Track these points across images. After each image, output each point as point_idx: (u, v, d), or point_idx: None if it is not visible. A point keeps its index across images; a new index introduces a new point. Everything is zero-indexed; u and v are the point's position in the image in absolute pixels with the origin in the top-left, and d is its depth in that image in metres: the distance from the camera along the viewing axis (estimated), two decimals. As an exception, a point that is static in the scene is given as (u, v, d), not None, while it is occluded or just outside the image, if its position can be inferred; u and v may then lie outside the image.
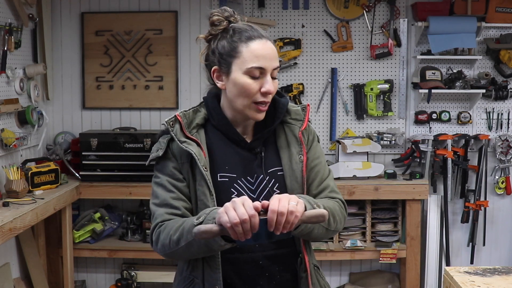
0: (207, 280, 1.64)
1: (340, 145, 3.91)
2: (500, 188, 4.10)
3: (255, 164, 1.69)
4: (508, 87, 4.01)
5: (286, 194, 1.48)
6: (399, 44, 4.04)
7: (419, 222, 3.82)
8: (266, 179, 1.68)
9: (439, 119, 4.07)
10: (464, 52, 3.98)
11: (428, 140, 3.96)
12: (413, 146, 3.97)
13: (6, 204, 3.14)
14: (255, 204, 1.42)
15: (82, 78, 4.16)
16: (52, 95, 4.13)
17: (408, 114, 4.12)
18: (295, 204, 1.44)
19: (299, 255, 1.71)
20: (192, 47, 4.12)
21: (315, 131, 1.82)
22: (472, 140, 4.03)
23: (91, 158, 3.83)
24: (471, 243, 4.09)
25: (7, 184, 3.34)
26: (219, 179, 1.66)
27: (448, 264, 3.98)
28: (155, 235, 1.63)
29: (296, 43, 4.04)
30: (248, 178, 1.68)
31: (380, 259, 3.84)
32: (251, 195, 1.67)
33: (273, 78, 1.65)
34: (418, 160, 3.97)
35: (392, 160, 4.09)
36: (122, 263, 4.17)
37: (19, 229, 3.04)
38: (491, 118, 4.08)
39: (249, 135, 1.73)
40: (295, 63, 4.09)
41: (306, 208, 1.50)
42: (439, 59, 4.01)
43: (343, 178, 3.84)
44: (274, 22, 4.06)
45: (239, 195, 1.62)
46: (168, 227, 1.60)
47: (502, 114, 4.08)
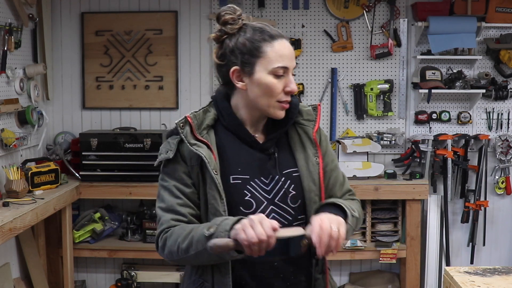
0: (217, 284, 1.63)
1: (340, 145, 3.91)
2: (500, 188, 4.10)
3: (269, 165, 1.67)
4: (508, 87, 4.01)
5: (329, 216, 1.50)
6: (399, 44, 4.04)
7: (419, 222, 3.82)
8: (282, 180, 1.67)
9: (439, 119, 4.07)
10: (464, 52, 3.98)
11: (428, 140, 3.96)
12: (413, 146, 3.97)
13: (6, 204, 3.14)
14: (272, 223, 1.43)
15: (82, 78, 4.16)
16: (52, 95, 4.13)
17: (408, 114, 4.12)
18: (344, 231, 1.49)
19: (314, 257, 1.70)
20: (192, 47, 4.12)
21: (324, 131, 1.83)
22: (472, 140, 4.03)
23: (91, 158, 3.83)
24: (471, 243, 4.09)
25: (7, 184, 3.34)
26: (232, 181, 1.63)
27: (448, 264, 3.98)
28: (161, 241, 1.62)
29: (296, 43, 4.04)
30: (262, 179, 1.66)
31: (380, 259, 3.84)
32: (265, 195, 1.65)
33: None
34: (418, 160, 3.96)
35: (392, 160, 4.08)
36: (122, 263, 4.17)
37: (19, 229, 3.04)
38: (491, 118, 4.08)
39: (259, 135, 1.71)
40: (295, 63, 4.08)
41: (347, 216, 1.57)
42: (439, 59, 4.01)
43: (343, 178, 3.84)
44: (274, 22, 4.06)
45: (253, 196, 1.62)
46: (175, 234, 1.59)
47: (502, 114, 4.08)
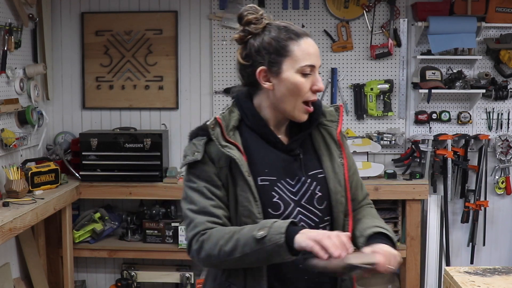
0: None
1: (340, 145, 3.91)
2: (500, 188, 4.10)
3: (295, 166, 1.66)
4: (508, 87, 4.00)
5: (390, 251, 1.55)
6: (399, 44, 4.04)
7: (419, 222, 3.82)
8: (308, 182, 1.66)
9: (439, 119, 4.06)
10: (464, 52, 3.98)
11: (428, 140, 3.96)
12: (413, 146, 3.96)
13: (6, 204, 3.15)
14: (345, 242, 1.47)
15: (82, 78, 4.16)
16: (52, 95, 4.13)
17: (408, 114, 4.12)
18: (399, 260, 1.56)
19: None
20: (192, 47, 4.12)
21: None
22: (472, 140, 4.03)
23: (91, 158, 3.83)
24: (471, 243, 4.09)
25: (7, 184, 3.35)
26: (260, 183, 1.61)
27: (448, 264, 3.98)
28: (196, 243, 1.58)
29: (296, 43, 4.03)
30: (288, 180, 1.65)
31: (380, 259, 3.83)
32: (292, 197, 1.64)
33: None
34: (418, 160, 3.96)
35: (392, 160, 4.08)
36: (122, 263, 4.17)
37: (19, 229, 3.04)
38: (491, 118, 4.08)
39: (282, 137, 1.69)
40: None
41: (395, 246, 1.62)
42: (439, 59, 4.01)
43: (343, 178, 3.84)
44: (274, 22, 4.05)
45: (281, 198, 1.62)
46: (213, 236, 1.56)
47: (502, 114, 4.08)
